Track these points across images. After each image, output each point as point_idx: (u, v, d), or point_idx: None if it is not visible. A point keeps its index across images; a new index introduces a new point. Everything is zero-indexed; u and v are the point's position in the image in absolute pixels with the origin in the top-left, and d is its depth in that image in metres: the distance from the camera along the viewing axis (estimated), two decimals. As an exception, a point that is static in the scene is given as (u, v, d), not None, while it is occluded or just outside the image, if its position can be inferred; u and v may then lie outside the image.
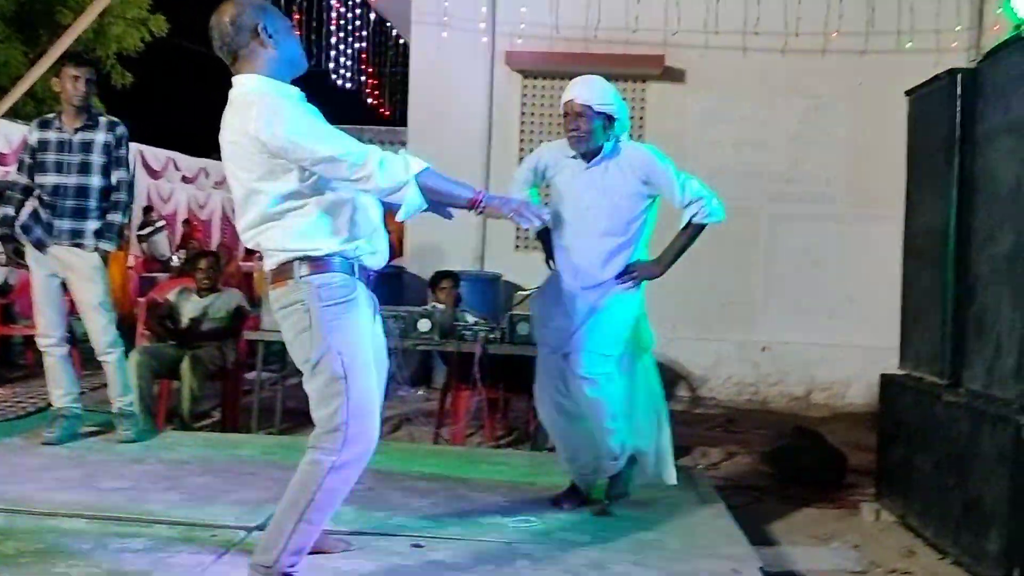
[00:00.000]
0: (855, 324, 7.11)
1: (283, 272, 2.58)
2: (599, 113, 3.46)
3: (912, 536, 3.87)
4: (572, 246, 3.55)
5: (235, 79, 2.60)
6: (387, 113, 13.26)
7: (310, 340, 2.55)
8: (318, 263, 2.54)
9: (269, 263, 2.63)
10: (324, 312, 2.53)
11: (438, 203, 2.61)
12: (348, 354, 2.53)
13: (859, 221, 7.22)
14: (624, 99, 3.66)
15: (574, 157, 3.56)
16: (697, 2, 7.17)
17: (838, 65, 7.26)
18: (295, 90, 2.61)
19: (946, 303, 3.76)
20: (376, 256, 2.68)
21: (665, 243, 3.59)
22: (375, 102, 12.51)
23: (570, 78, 3.65)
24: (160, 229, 12.26)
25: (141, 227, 12.04)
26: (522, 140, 7.59)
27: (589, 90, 3.50)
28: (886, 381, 4.34)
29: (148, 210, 12.57)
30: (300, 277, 2.54)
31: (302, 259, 2.54)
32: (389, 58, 11.76)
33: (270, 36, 2.56)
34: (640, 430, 3.64)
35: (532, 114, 7.61)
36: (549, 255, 3.72)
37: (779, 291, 7.39)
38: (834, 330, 7.24)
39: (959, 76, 3.75)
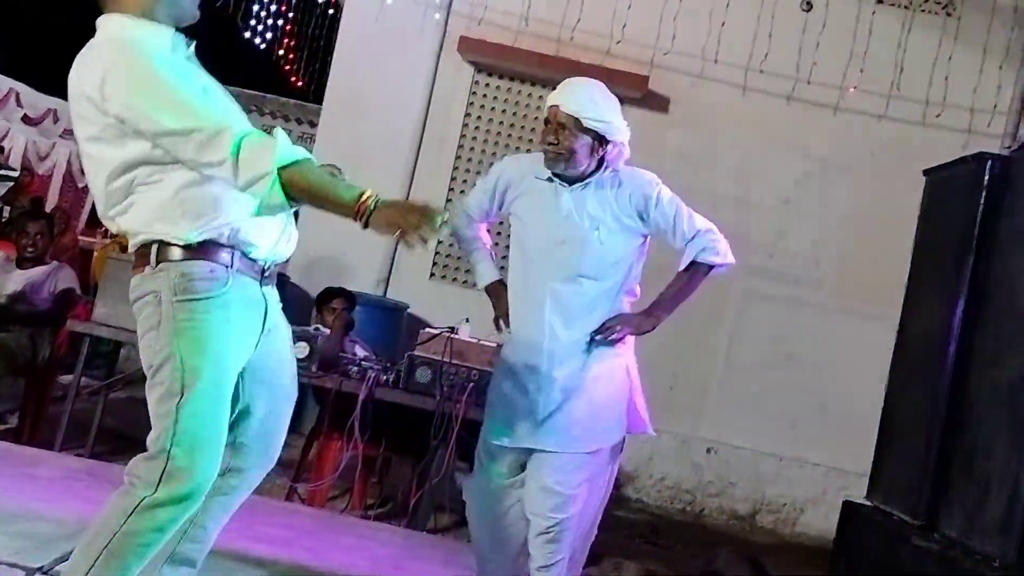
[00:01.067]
0: (822, 437, 7.26)
1: (140, 257, 2.56)
2: (588, 130, 3.28)
3: None
4: (537, 295, 3.36)
5: (99, 21, 2.58)
6: (299, 84, 13.17)
7: (156, 340, 2.49)
8: (179, 249, 2.51)
9: (131, 246, 2.61)
10: (175, 308, 2.48)
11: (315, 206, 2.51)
12: (193, 365, 2.46)
13: (846, 315, 7.39)
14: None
15: (548, 179, 3.39)
16: (698, 21, 7.32)
17: (850, 126, 7.49)
18: (167, 37, 2.56)
19: (933, 429, 3.87)
20: (266, 247, 2.62)
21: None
22: (287, 67, 12.43)
23: (532, 82, 3.63)
24: None
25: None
26: (461, 145, 7.62)
27: (581, 98, 3.32)
28: (848, 511, 4.43)
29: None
30: (156, 263, 2.51)
31: (161, 243, 2.51)
32: (315, 18, 11.72)
33: None
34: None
35: (479, 117, 7.64)
36: (503, 312, 3.54)
37: (739, 383, 7.51)
38: (796, 441, 7.37)
39: (989, 163, 3.90)
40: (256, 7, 10.05)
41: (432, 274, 7.63)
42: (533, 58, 7.21)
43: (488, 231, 3.81)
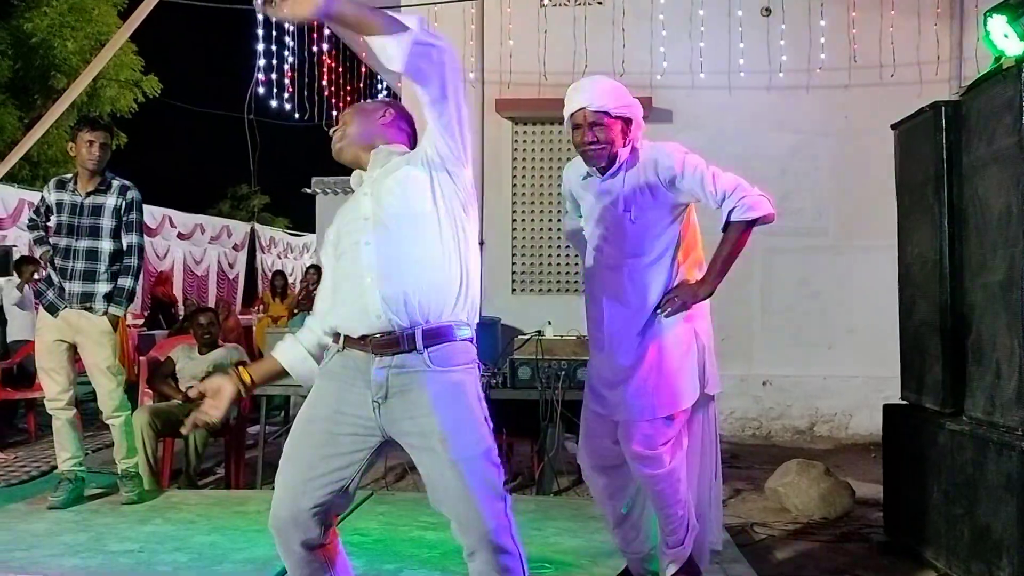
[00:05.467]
0: (855, 354, 7.14)
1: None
2: (617, 117, 2.96)
3: (922, 567, 3.85)
4: (599, 278, 3.05)
5: None
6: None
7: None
8: None
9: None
10: None
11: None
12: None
13: (853, 252, 7.28)
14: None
15: (588, 176, 3.09)
16: (682, 44, 7.32)
17: (823, 100, 7.39)
18: None
19: (944, 332, 3.79)
20: (339, 320, 2.29)
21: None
22: (367, 153, 12.61)
23: (559, 122, 3.39)
24: None
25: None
26: (515, 185, 7.68)
27: (602, 93, 2.98)
28: (889, 411, 4.34)
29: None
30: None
31: None
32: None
33: None
34: (699, 493, 3.15)
35: (524, 159, 7.71)
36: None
37: (777, 324, 7.42)
38: (834, 361, 7.26)
39: (943, 109, 3.81)
40: (334, 112, 10.24)
41: (513, 289, 7.68)
42: (556, 103, 7.18)
43: None
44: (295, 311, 10.09)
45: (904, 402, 4.24)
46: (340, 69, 9.72)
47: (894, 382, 4.37)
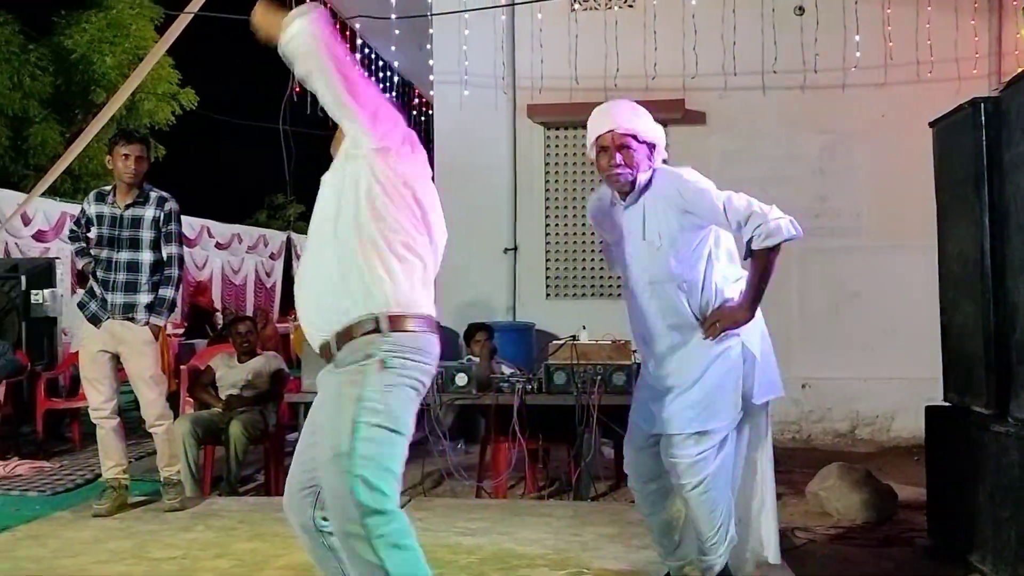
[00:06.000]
0: (896, 355, 7.02)
1: None
2: (644, 142, 2.97)
3: (968, 571, 3.78)
4: (636, 300, 3.06)
5: None
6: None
7: None
8: None
9: None
10: None
11: None
12: None
13: (891, 252, 7.17)
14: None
15: (612, 204, 3.10)
16: (714, 45, 7.26)
17: (859, 99, 7.29)
18: None
19: (987, 332, 3.72)
20: None
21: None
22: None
23: None
24: None
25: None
26: (547, 190, 7.69)
27: (631, 115, 2.99)
28: (932, 413, 4.28)
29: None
30: None
31: None
32: (414, 118, 11.99)
33: None
34: (743, 502, 3.14)
35: (556, 164, 7.70)
36: None
37: (815, 326, 7.33)
38: (875, 363, 7.16)
39: (982, 105, 3.75)
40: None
41: (547, 294, 7.68)
42: (587, 108, 7.16)
43: None
44: (332, 318, 10.16)
45: (947, 404, 4.17)
46: (373, 79, 9.82)
47: (936, 384, 4.30)
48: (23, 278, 7.75)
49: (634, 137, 2.94)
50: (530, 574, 3.44)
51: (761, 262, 2.92)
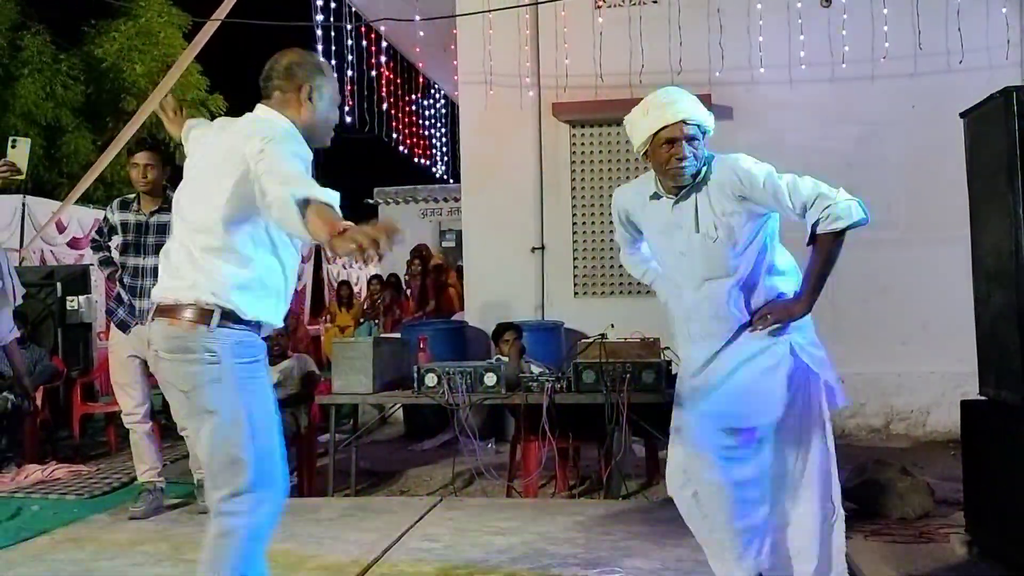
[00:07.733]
0: (930, 349, 6.93)
1: None
2: (705, 132, 2.85)
3: (1005, 568, 3.72)
4: (680, 301, 2.96)
5: (261, 106, 2.59)
6: (436, 173, 13.51)
7: None
8: None
9: None
10: None
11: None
12: None
13: (924, 244, 7.08)
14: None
15: (655, 196, 2.94)
16: (740, 39, 7.21)
17: (888, 90, 7.19)
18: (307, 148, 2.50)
19: (1022, 325, 3.66)
20: None
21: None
22: (426, 162, 12.77)
23: (617, 124, 3.28)
24: None
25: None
26: (573, 188, 7.67)
27: (695, 104, 2.85)
28: (967, 407, 4.21)
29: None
30: None
31: None
32: (440, 119, 12.03)
33: (310, 99, 2.57)
34: (799, 525, 2.95)
35: (582, 161, 7.69)
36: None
37: (848, 321, 7.23)
38: (909, 357, 7.07)
39: (1015, 94, 3.69)
40: (393, 121, 10.38)
41: (575, 292, 7.66)
42: (613, 105, 7.19)
43: None
44: (361, 320, 10.25)
45: (983, 397, 4.10)
46: (398, 80, 9.86)
47: (972, 377, 4.24)
48: (59, 285, 7.86)
49: (700, 127, 2.82)
50: (562, 573, 3.44)
51: (825, 248, 2.76)
